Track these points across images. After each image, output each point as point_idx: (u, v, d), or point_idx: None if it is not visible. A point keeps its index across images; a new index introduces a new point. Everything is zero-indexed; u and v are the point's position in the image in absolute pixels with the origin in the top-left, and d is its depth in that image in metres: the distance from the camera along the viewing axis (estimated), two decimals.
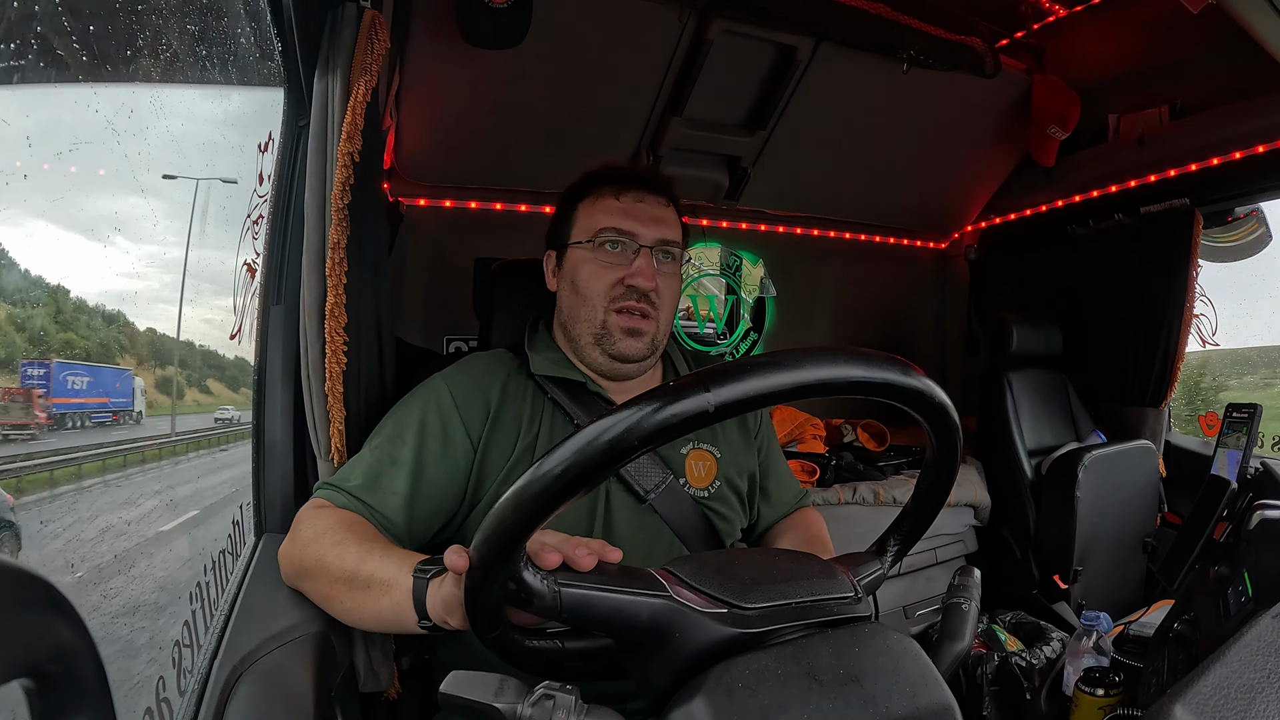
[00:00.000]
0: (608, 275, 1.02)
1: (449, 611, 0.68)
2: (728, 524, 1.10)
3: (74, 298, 4.49)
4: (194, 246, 3.61)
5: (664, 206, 1.06)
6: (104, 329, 5.54)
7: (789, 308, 2.72)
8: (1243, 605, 0.90)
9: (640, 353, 1.02)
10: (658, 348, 1.06)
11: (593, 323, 1.02)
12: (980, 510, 2.32)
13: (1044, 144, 2.28)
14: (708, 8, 1.75)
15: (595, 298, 1.02)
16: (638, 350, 1.02)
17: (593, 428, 0.46)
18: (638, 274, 1.00)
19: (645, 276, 1.00)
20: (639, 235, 1.02)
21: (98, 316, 5.24)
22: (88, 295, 4.64)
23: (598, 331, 1.02)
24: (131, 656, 1.07)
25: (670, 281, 1.06)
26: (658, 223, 1.03)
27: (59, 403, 4.45)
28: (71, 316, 4.76)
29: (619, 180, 1.06)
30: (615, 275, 1.01)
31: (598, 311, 1.02)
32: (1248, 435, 1.78)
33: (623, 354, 1.02)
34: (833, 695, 0.49)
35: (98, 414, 5.43)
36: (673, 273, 1.07)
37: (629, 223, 1.02)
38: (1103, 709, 1.10)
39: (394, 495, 0.92)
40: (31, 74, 1.20)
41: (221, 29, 1.42)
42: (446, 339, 2.17)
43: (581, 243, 1.04)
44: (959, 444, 0.62)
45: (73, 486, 3.70)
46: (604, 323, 1.02)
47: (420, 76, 1.70)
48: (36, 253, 3.05)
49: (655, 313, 1.03)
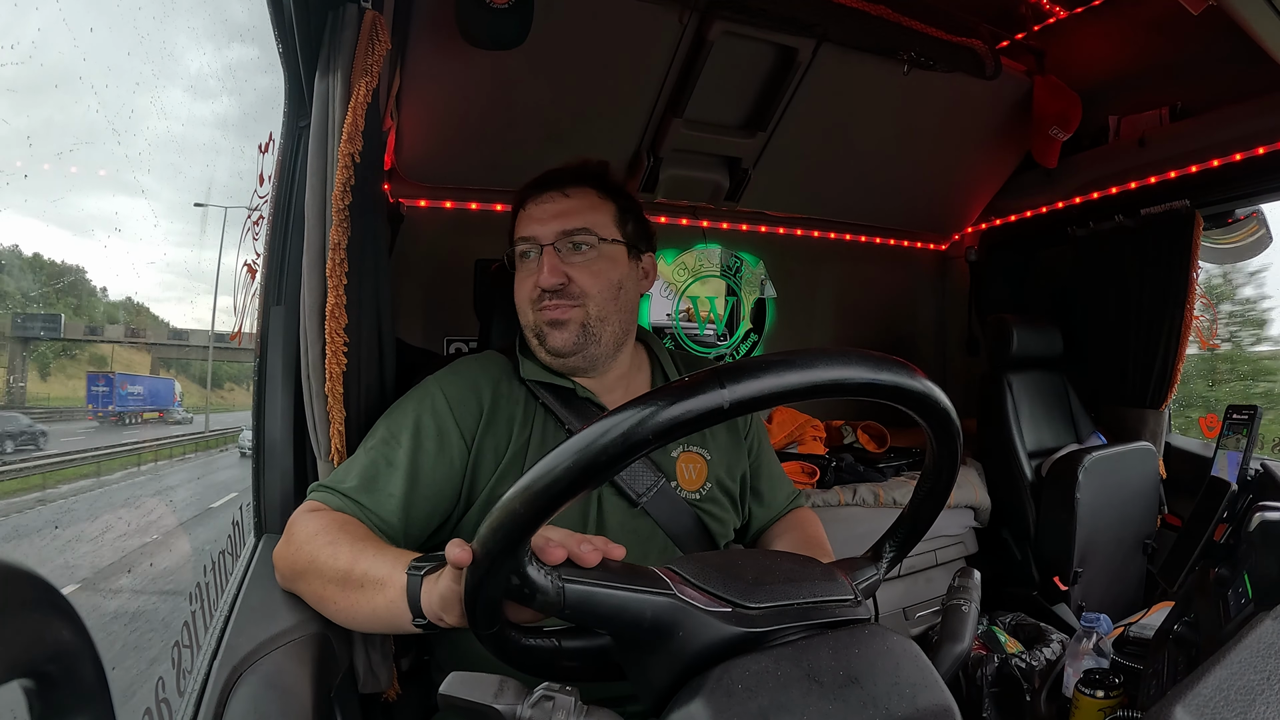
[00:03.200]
0: (528, 282, 1.05)
1: (445, 608, 0.68)
2: (721, 525, 1.10)
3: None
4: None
5: (564, 198, 1.05)
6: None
7: (789, 309, 2.72)
8: (1243, 607, 0.90)
9: (569, 342, 1.03)
10: (595, 334, 1.04)
11: (529, 327, 1.06)
12: (980, 512, 2.32)
13: (1046, 145, 2.28)
14: (708, 9, 1.75)
15: (524, 305, 1.06)
16: (564, 341, 1.03)
17: (605, 422, 0.46)
18: (540, 274, 1.02)
19: (547, 274, 1.01)
20: (538, 236, 1.04)
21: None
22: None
23: (535, 332, 1.05)
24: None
25: (593, 267, 1.04)
26: (558, 216, 1.04)
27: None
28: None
29: (525, 191, 1.09)
30: (532, 280, 1.04)
31: (529, 315, 1.06)
32: (1248, 437, 1.77)
33: (554, 348, 1.03)
34: (833, 697, 0.49)
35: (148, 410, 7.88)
36: (592, 258, 1.04)
37: (530, 228, 1.05)
38: (1103, 711, 1.10)
39: (390, 497, 0.92)
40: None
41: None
42: (447, 340, 2.17)
43: (509, 260, 1.08)
44: (959, 449, 0.62)
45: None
46: (534, 323, 1.05)
47: (421, 77, 1.70)
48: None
49: (577, 301, 1.03)
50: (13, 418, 9.96)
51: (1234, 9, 1.18)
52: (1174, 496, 2.29)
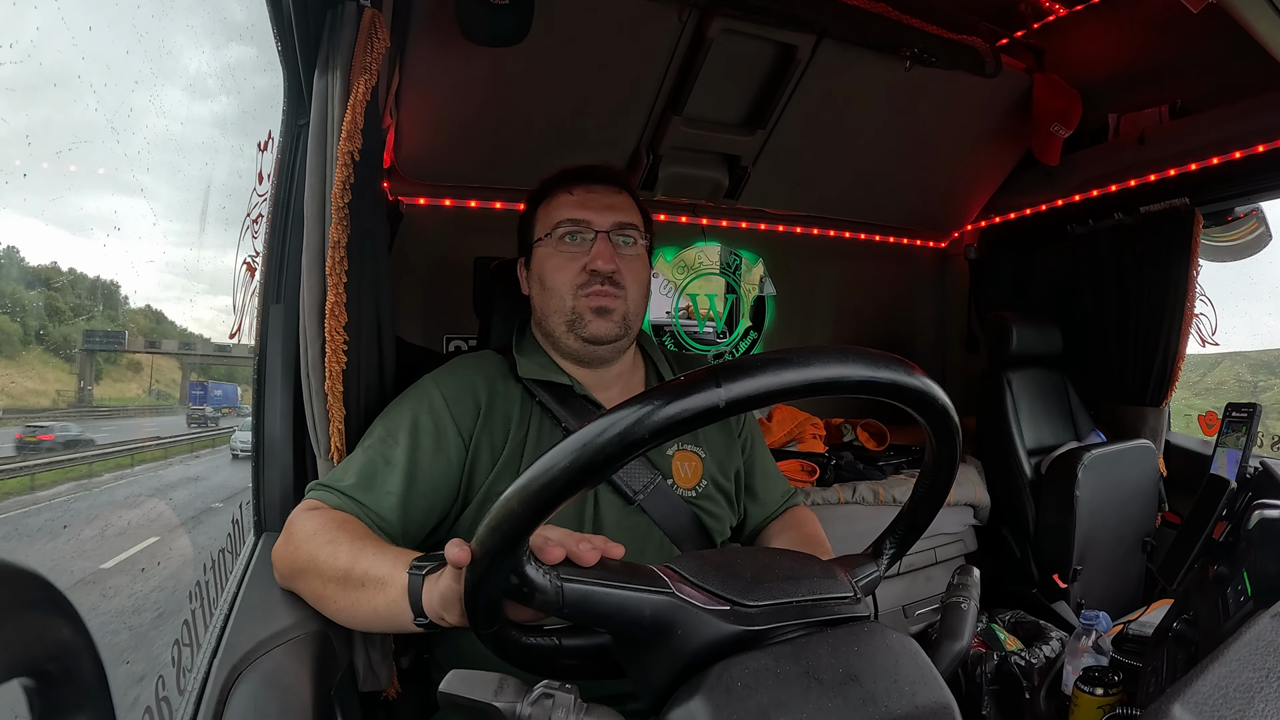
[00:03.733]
0: (571, 266, 1.05)
1: (446, 607, 0.68)
2: (717, 522, 1.11)
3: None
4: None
5: (616, 194, 1.09)
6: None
7: (789, 307, 2.72)
8: (1242, 604, 0.90)
9: (612, 332, 1.04)
10: (630, 328, 1.07)
11: (563, 312, 1.05)
12: (980, 509, 2.32)
13: (1047, 142, 2.28)
14: (708, 6, 1.74)
15: (562, 287, 1.05)
16: (608, 330, 1.04)
17: (602, 421, 0.46)
18: (597, 258, 1.03)
19: (604, 259, 1.03)
20: (594, 222, 1.05)
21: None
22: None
23: (569, 318, 1.04)
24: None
25: (634, 264, 1.07)
26: (611, 209, 1.06)
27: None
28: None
29: (570, 178, 1.09)
30: (578, 264, 1.04)
31: (566, 300, 1.04)
32: (1247, 434, 1.77)
33: (594, 335, 1.04)
34: (832, 694, 0.49)
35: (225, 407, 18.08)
36: (636, 255, 1.09)
37: (583, 212, 1.05)
38: (1102, 708, 1.10)
39: (388, 495, 0.92)
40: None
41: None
42: (446, 338, 2.17)
43: (543, 239, 1.07)
44: (958, 447, 0.62)
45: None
46: (573, 308, 1.04)
47: (420, 75, 1.70)
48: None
49: (622, 292, 1.05)
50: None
51: (1234, 7, 1.18)
52: (1173, 494, 2.29)
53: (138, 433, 15.19)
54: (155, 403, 20.13)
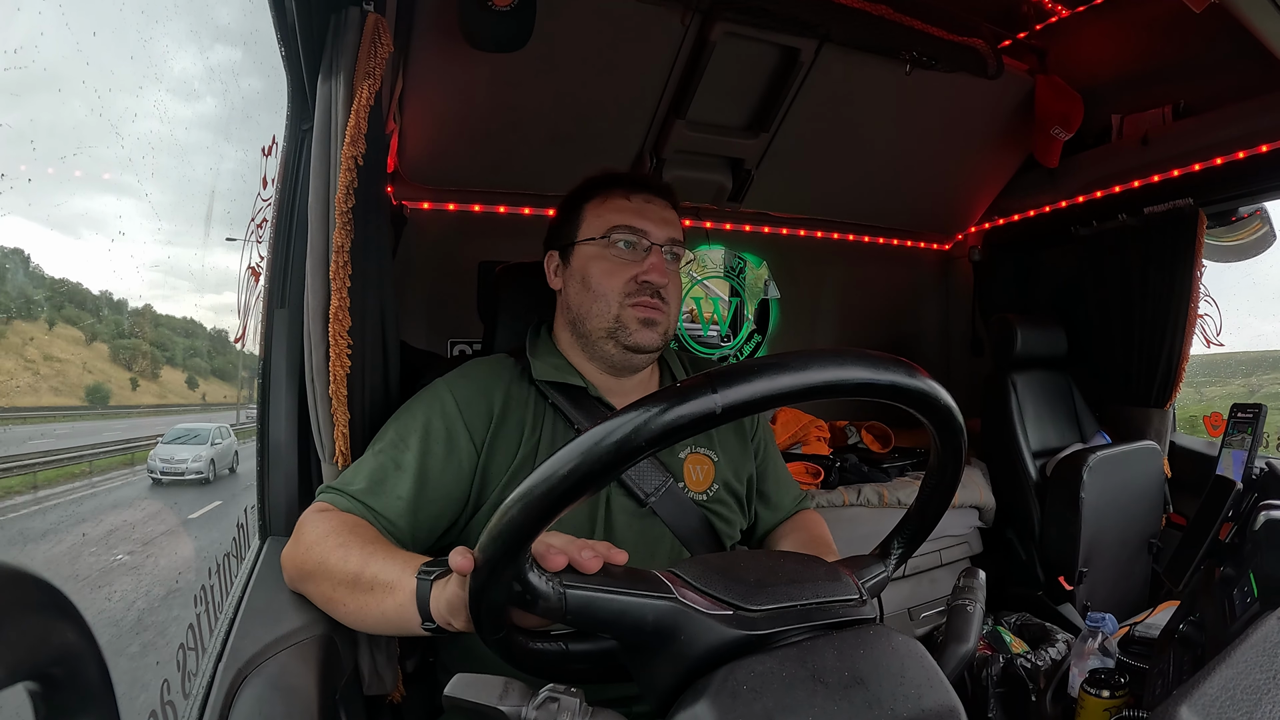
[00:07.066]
0: (622, 272, 1.04)
1: (453, 613, 0.68)
2: (728, 525, 1.10)
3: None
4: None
5: (669, 208, 1.09)
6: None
7: (793, 310, 2.72)
8: (1248, 606, 0.90)
9: (654, 343, 1.05)
10: (667, 341, 1.09)
11: (606, 317, 1.04)
12: (985, 512, 2.31)
13: (1047, 145, 2.28)
14: (710, 10, 1.75)
15: (610, 294, 1.04)
16: (652, 340, 1.04)
17: (599, 429, 0.46)
18: (652, 270, 1.03)
19: (659, 272, 1.03)
20: (650, 234, 1.05)
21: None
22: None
23: (611, 325, 1.04)
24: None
25: (676, 281, 1.09)
26: (666, 223, 1.07)
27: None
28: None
29: (628, 183, 1.09)
30: (629, 272, 1.03)
31: (611, 306, 1.03)
32: (1253, 435, 1.76)
33: (638, 344, 1.04)
34: (837, 697, 0.49)
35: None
36: (677, 272, 1.10)
37: (641, 221, 1.05)
38: (1108, 710, 1.10)
39: (398, 499, 0.92)
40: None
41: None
42: (450, 342, 2.17)
43: (594, 239, 1.06)
44: (964, 446, 0.61)
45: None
46: (618, 316, 1.03)
47: (423, 80, 1.71)
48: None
49: (667, 307, 1.06)
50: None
51: (1236, 7, 1.18)
52: (1179, 496, 2.28)
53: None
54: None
